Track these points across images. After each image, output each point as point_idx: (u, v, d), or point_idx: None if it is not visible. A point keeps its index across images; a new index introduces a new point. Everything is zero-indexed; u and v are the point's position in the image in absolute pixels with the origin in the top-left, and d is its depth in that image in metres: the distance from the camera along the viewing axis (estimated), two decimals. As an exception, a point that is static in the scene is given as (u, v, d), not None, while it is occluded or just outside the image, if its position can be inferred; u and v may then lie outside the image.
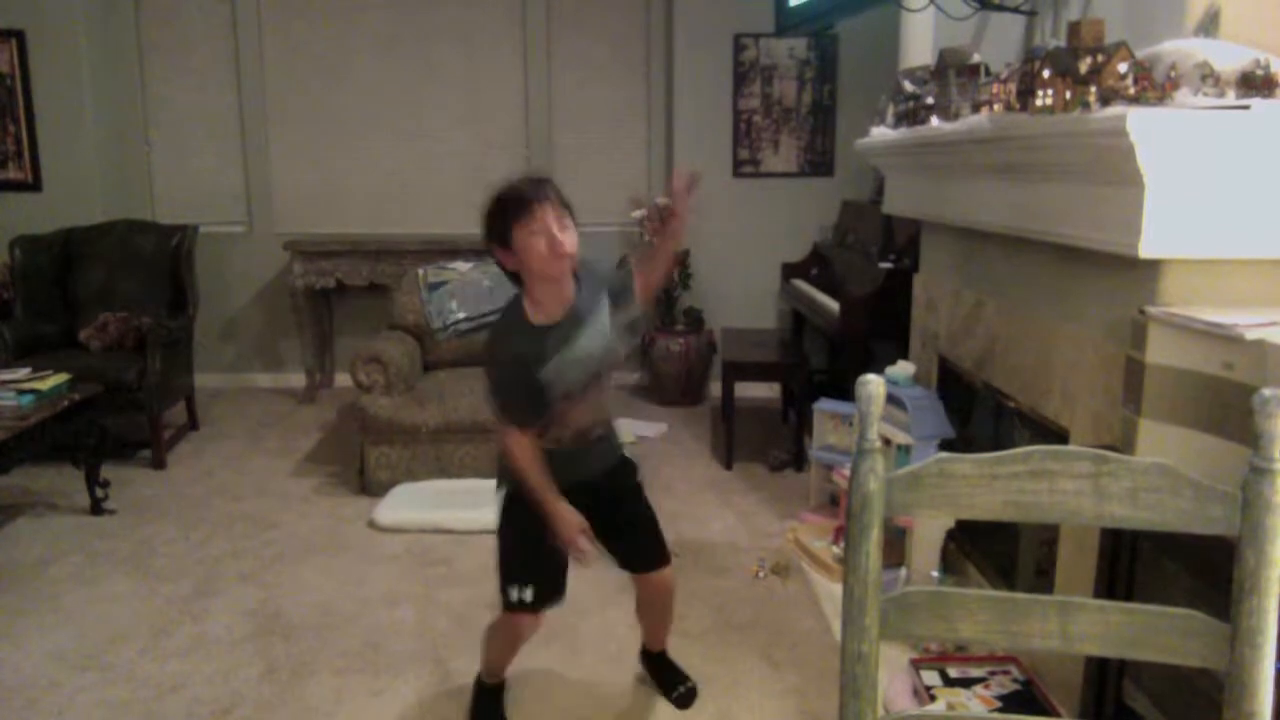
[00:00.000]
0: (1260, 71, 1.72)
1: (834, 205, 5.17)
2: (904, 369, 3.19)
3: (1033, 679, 2.29)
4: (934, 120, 2.75)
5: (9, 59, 5.00)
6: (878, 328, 3.83)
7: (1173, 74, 1.77)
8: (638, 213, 5.28)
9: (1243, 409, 1.25)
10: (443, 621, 2.83)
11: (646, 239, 5.31)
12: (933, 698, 2.23)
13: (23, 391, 3.43)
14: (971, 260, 2.93)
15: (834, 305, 4.08)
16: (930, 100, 2.82)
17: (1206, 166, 1.77)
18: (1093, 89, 1.83)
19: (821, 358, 5.20)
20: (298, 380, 5.57)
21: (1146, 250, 1.81)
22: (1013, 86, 2.16)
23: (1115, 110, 1.76)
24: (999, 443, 2.76)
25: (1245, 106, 1.70)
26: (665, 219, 5.19)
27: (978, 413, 3.04)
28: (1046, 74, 1.95)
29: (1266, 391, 1.04)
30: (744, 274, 5.51)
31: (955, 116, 2.60)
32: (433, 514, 3.51)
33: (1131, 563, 1.81)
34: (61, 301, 4.68)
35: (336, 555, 3.32)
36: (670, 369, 5.25)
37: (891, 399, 3.03)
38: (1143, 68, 1.80)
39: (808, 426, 3.92)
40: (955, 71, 2.62)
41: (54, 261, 4.71)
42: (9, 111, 5.06)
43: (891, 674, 2.37)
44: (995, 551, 2.81)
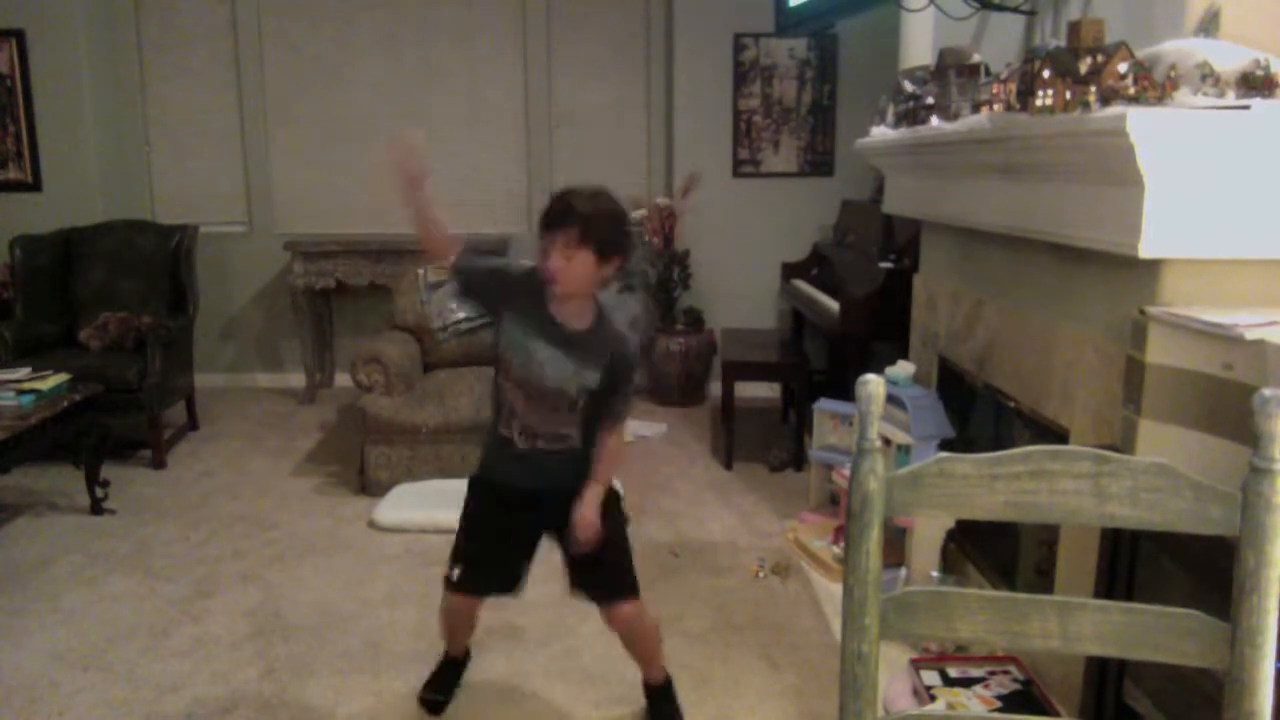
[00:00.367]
0: (1260, 71, 1.72)
1: (834, 205, 5.17)
2: (904, 369, 3.19)
3: (1033, 679, 2.29)
4: (934, 120, 2.75)
5: (9, 59, 5.00)
6: (878, 328, 3.83)
7: (1173, 74, 1.77)
8: (638, 213, 5.29)
9: (1243, 409, 1.25)
10: (443, 621, 2.83)
11: (647, 239, 5.31)
12: (933, 698, 2.23)
13: (23, 391, 3.43)
14: (971, 260, 2.93)
15: (834, 305, 4.08)
16: (930, 100, 2.82)
17: (1206, 166, 1.77)
18: (1093, 89, 1.84)
19: (821, 358, 5.20)
20: (298, 380, 5.57)
21: (1146, 250, 1.81)
22: (1013, 86, 2.16)
23: (1115, 110, 1.76)
24: (999, 443, 2.75)
25: (1245, 106, 1.70)
26: (665, 221, 5.21)
27: (978, 413, 3.04)
28: (1046, 74, 1.96)
29: (1266, 391, 1.04)
30: (744, 274, 5.51)
31: (955, 116, 2.60)
32: (433, 514, 3.51)
33: (1131, 563, 1.81)
34: (61, 301, 4.68)
35: (336, 555, 3.33)
36: (670, 369, 5.25)
37: (891, 399, 3.03)
38: (1143, 68, 1.80)
39: (808, 426, 3.92)
40: (955, 71, 2.63)
41: (54, 261, 4.71)
42: (9, 111, 5.06)
43: (891, 674, 2.37)
44: (995, 551, 2.81)
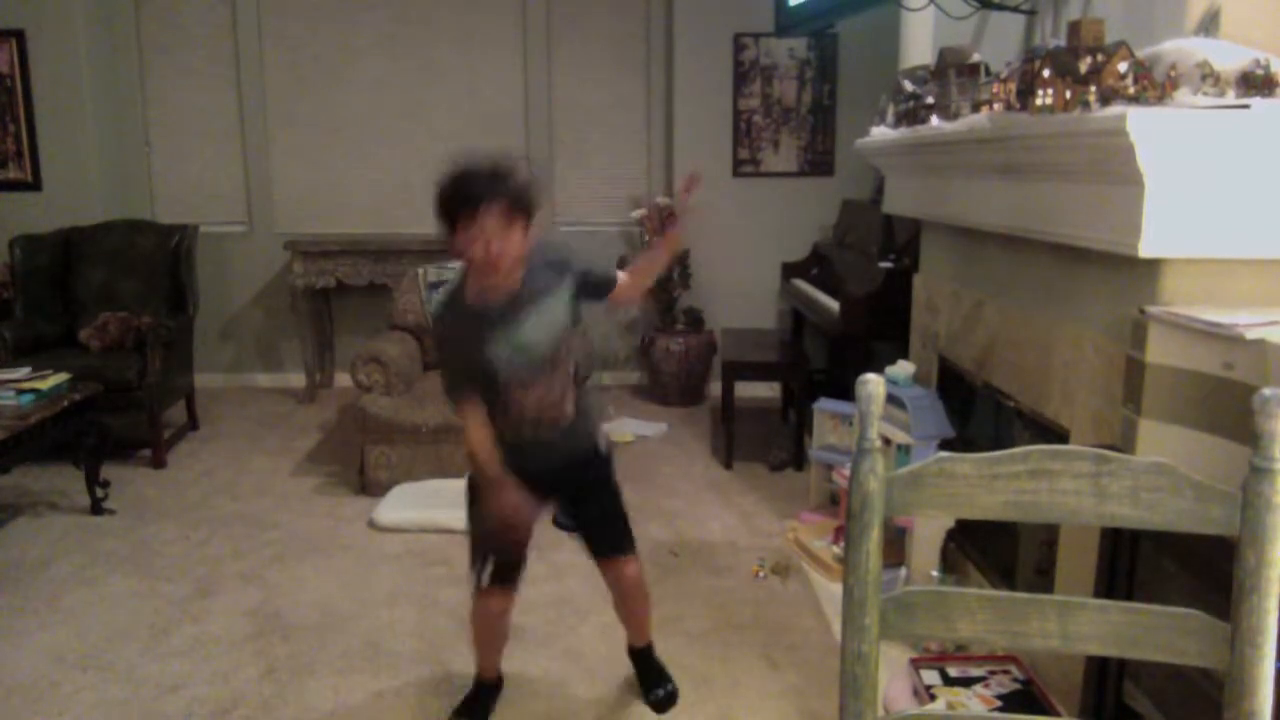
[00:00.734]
0: (1260, 71, 1.72)
1: (834, 205, 5.18)
2: (904, 369, 3.19)
3: (1033, 679, 2.29)
4: (934, 120, 2.75)
5: (9, 59, 5.00)
6: (878, 328, 3.83)
7: (1173, 74, 1.77)
8: (638, 212, 5.29)
9: (1243, 409, 1.25)
10: (443, 621, 2.83)
11: (647, 239, 5.31)
12: (933, 697, 2.23)
13: (23, 391, 3.43)
14: (971, 260, 2.93)
15: (834, 305, 4.08)
16: (930, 100, 2.82)
17: (1206, 166, 1.76)
18: (1093, 89, 1.83)
19: (821, 358, 5.20)
20: (298, 380, 5.57)
21: (1146, 250, 1.81)
22: (1013, 86, 2.16)
23: (1115, 110, 1.76)
24: (999, 443, 2.75)
25: (1245, 106, 1.70)
26: (665, 221, 5.20)
27: (978, 413, 3.04)
28: (1046, 74, 1.96)
29: (1266, 391, 1.04)
30: (744, 274, 5.51)
31: (955, 116, 2.60)
32: (433, 514, 3.51)
33: (1131, 563, 1.81)
34: (61, 301, 4.69)
35: (336, 555, 3.33)
36: (670, 369, 5.25)
37: (891, 399, 3.03)
38: (1143, 67, 1.80)
39: (808, 426, 3.92)
40: (955, 71, 2.62)
41: (54, 261, 4.71)
42: (9, 111, 5.06)
43: (891, 674, 2.37)
44: (995, 551, 2.81)
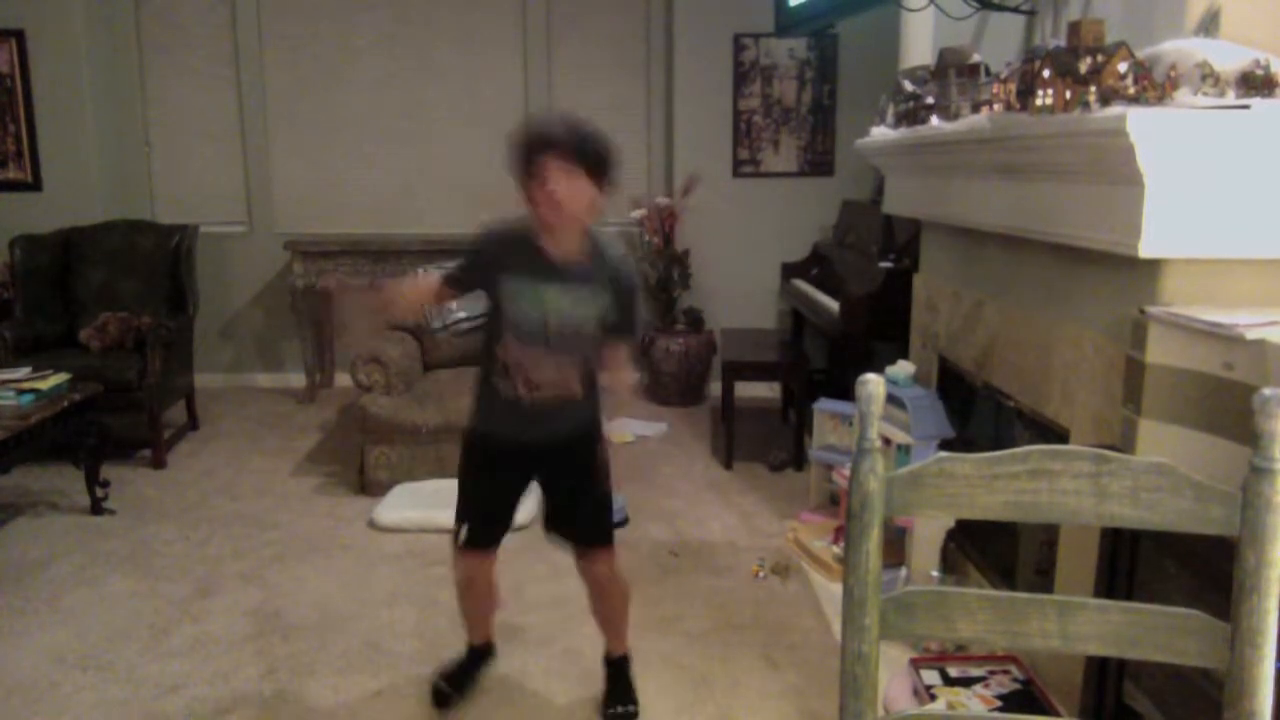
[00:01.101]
0: (1260, 71, 1.72)
1: (834, 205, 5.17)
2: (904, 369, 3.19)
3: (1033, 679, 2.29)
4: (934, 120, 2.75)
5: (9, 59, 5.00)
6: (878, 328, 3.83)
7: (1173, 74, 1.77)
8: (638, 212, 5.29)
9: (1243, 409, 1.25)
10: (443, 621, 2.83)
11: (647, 239, 5.31)
12: (933, 697, 2.23)
13: (23, 391, 3.43)
14: (971, 260, 2.93)
15: (834, 305, 4.08)
16: (930, 100, 2.82)
17: (1206, 166, 1.77)
18: (1093, 89, 1.83)
19: (821, 358, 5.20)
20: (298, 380, 5.57)
21: (1146, 250, 1.81)
22: (1013, 86, 2.16)
23: (1115, 110, 1.76)
24: (999, 443, 2.75)
25: (1245, 106, 1.70)
26: (665, 221, 5.21)
27: (978, 413, 3.04)
28: (1046, 74, 1.96)
29: (1266, 391, 1.04)
30: (744, 274, 5.50)
31: (955, 116, 2.60)
32: (433, 514, 3.51)
33: (1131, 563, 1.81)
34: (61, 301, 4.68)
35: (336, 555, 3.33)
36: (670, 369, 5.25)
37: (891, 399, 3.03)
38: (1143, 68, 1.80)
39: (808, 426, 3.92)
40: (955, 71, 2.62)
41: (54, 261, 4.71)
42: (9, 111, 5.06)
43: (891, 674, 2.37)
44: (995, 551, 2.81)
